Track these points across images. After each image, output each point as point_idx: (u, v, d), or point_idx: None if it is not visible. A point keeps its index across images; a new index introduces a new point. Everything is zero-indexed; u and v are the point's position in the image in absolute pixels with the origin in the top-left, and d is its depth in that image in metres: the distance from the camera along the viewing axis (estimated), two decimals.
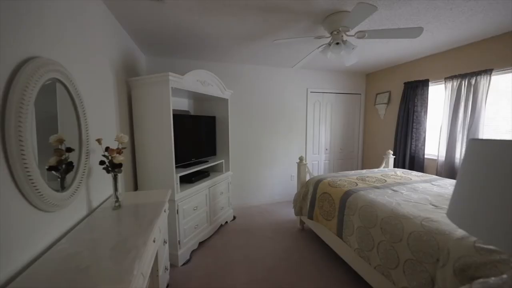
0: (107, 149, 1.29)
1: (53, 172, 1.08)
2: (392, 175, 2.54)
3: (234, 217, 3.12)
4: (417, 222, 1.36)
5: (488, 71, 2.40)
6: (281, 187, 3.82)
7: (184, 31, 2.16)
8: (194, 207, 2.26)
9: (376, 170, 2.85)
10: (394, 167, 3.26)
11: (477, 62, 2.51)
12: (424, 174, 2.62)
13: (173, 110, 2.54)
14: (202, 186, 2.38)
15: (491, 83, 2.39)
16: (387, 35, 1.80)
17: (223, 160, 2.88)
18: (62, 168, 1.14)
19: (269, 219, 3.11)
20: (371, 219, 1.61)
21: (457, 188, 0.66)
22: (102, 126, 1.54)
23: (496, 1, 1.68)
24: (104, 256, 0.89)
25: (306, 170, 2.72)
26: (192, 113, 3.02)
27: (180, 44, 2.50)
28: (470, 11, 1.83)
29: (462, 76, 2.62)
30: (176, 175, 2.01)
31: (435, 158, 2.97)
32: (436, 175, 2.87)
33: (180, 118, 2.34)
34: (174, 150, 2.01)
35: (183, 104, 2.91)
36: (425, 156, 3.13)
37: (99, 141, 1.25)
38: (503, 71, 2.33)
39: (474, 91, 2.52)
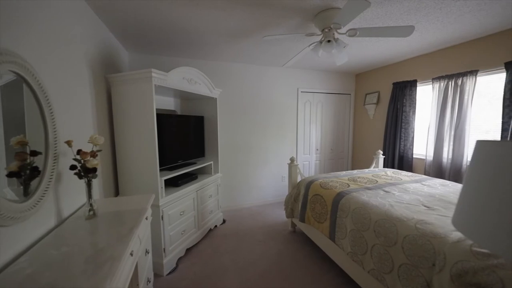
0: (79, 152, 1.15)
1: (15, 178, 0.96)
2: (382, 175, 2.53)
3: (224, 221, 3.01)
4: (411, 224, 1.33)
5: (473, 72, 2.44)
6: (272, 188, 3.75)
7: (168, 26, 2.03)
8: (181, 212, 2.14)
9: (366, 170, 2.84)
10: (384, 167, 3.28)
11: (463, 63, 2.55)
12: (414, 174, 2.63)
13: (158, 110, 2.42)
14: (189, 190, 2.27)
15: (476, 83, 2.44)
16: (378, 33, 1.77)
17: (212, 162, 2.77)
18: (25, 174, 1.01)
19: (260, 222, 3.03)
20: (364, 221, 1.56)
21: (464, 193, 0.60)
22: (76, 126, 1.41)
23: (483, 1, 1.69)
24: (70, 275, 0.77)
25: (298, 171, 2.66)
26: (179, 112, 2.88)
27: (164, 40, 2.37)
28: (458, 11, 1.84)
29: (449, 77, 2.66)
30: (160, 179, 1.89)
31: (423, 157, 3.00)
32: (424, 174, 2.91)
33: (165, 118, 2.22)
34: (159, 152, 1.88)
35: (169, 103, 2.77)
36: (414, 156, 3.17)
37: (69, 143, 1.12)
38: (488, 72, 2.38)
39: (461, 92, 2.56)
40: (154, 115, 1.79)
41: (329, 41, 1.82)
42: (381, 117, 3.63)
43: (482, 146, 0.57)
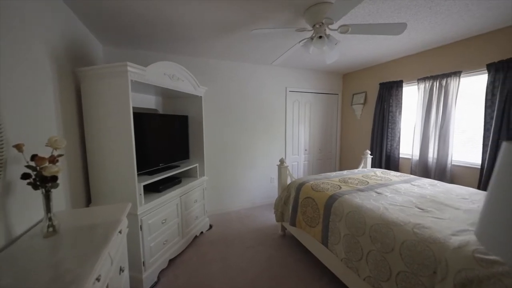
0: (33, 157, 0.96)
1: None
2: (372, 175, 2.51)
3: (211, 226, 2.85)
4: (408, 229, 1.27)
5: (457, 73, 2.49)
6: (261, 190, 3.64)
7: (149, 17, 1.85)
8: (163, 220, 1.96)
9: (356, 170, 2.82)
10: (372, 167, 3.29)
11: (447, 64, 2.60)
12: (402, 174, 2.64)
13: (137, 108, 2.23)
14: (172, 195, 2.09)
15: (460, 84, 2.49)
16: (370, 30, 1.71)
17: (197, 164, 2.60)
18: None
19: (249, 226, 2.91)
20: (359, 226, 1.49)
21: (490, 202, 0.52)
22: (34, 127, 1.20)
23: (471, 1, 1.69)
24: None
25: (287, 173, 2.57)
26: (161, 112, 2.68)
27: (145, 33, 2.17)
28: (447, 11, 1.83)
29: (434, 78, 2.70)
30: (139, 185, 1.70)
31: (410, 157, 3.04)
32: (411, 174, 2.94)
33: (145, 118, 2.03)
34: (137, 154, 1.70)
35: (150, 102, 2.57)
36: (400, 156, 3.20)
37: (18, 147, 0.92)
38: (471, 74, 2.43)
39: (445, 92, 2.60)
40: (131, 114, 1.61)
41: (320, 37, 1.74)
42: (368, 117, 3.65)
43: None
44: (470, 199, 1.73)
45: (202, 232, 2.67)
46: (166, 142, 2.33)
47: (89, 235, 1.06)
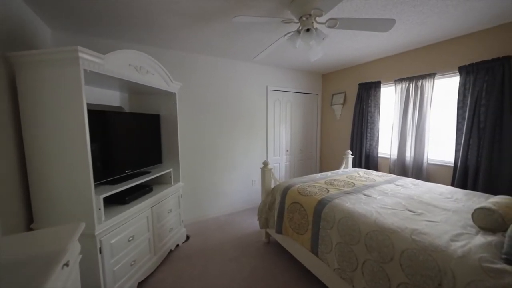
0: None
1: None
2: (356, 176, 2.48)
3: (188, 237, 2.58)
4: (406, 236, 1.19)
5: (432, 75, 2.58)
6: (242, 193, 3.45)
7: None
8: (130, 237, 1.67)
9: (339, 171, 2.78)
10: (352, 167, 3.30)
11: (423, 66, 2.68)
12: (384, 173, 2.67)
13: (96, 105, 1.89)
14: (141, 207, 1.80)
15: (434, 86, 2.58)
16: (359, 25, 1.63)
17: (171, 169, 2.32)
18: None
19: (230, 233, 2.69)
20: (353, 234, 1.39)
21: None
22: None
23: (452, 2, 1.71)
24: None
25: (271, 176, 2.42)
26: (127, 110, 2.34)
27: (104, 18, 1.84)
28: (429, 11, 1.84)
29: (410, 79, 2.77)
30: (97, 197, 1.40)
31: (388, 156, 3.10)
32: (389, 172, 3.00)
33: (107, 116, 1.71)
34: (97, 160, 1.41)
35: (113, 98, 2.21)
36: (379, 155, 3.26)
37: None
38: (444, 76, 2.53)
39: (421, 93, 2.68)
40: (84, 112, 1.30)
41: (308, 30, 1.61)
42: (347, 118, 3.68)
43: None
44: (453, 198, 1.75)
45: (178, 245, 2.39)
46: (133, 145, 2.02)
47: (17, 276, 0.77)
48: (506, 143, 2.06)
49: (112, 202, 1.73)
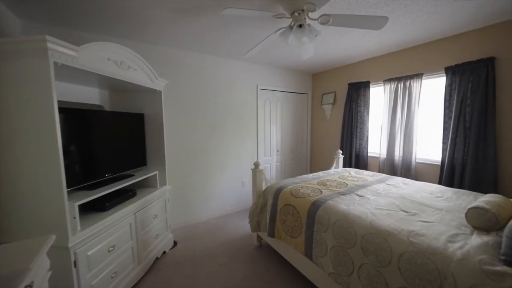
0: None
1: None
2: (348, 176, 2.46)
3: (175, 243, 2.45)
4: (403, 238, 1.15)
5: (419, 75, 2.62)
6: (232, 195, 3.35)
7: None
8: (110, 247, 1.53)
9: (331, 171, 2.76)
10: (343, 166, 3.30)
11: (410, 67, 2.71)
12: (375, 173, 2.67)
13: (73, 103, 1.74)
14: (123, 213, 1.66)
15: (422, 86, 2.62)
16: (352, 22, 1.60)
17: (156, 172, 2.18)
18: None
19: (220, 238, 2.59)
20: (348, 237, 1.34)
21: None
22: None
23: (440, 2, 1.72)
24: None
25: (262, 177, 2.35)
26: (108, 108, 2.17)
27: (81, 8, 1.69)
28: (418, 11, 1.84)
29: (398, 79, 2.81)
30: (71, 205, 1.26)
31: (377, 156, 3.13)
32: (379, 172, 3.02)
33: (85, 115, 1.57)
34: (73, 164, 1.28)
35: (93, 96, 2.04)
36: (369, 154, 3.29)
37: None
38: (431, 76, 2.57)
39: (409, 93, 2.72)
40: (55, 109, 1.16)
41: (300, 26, 1.56)
42: (337, 117, 3.68)
43: None
44: (443, 197, 1.76)
45: (164, 252, 2.26)
46: (115, 146, 1.87)
47: None
48: (490, 142, 2.11)
49: (91, 209, 1.58)
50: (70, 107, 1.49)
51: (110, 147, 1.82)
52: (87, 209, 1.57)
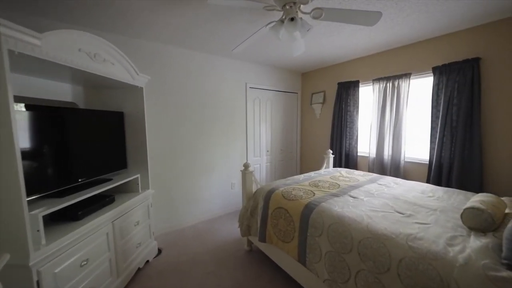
0: None
1: None
2: (339, 176, 2.42)
3: (160, 251, 2.29)
4: (402, 242, 1.10)
5: (407, 75, 2.63)
6: (221, 198, 3.22)
7: None
8: (83, 261, 1.36)
9: (322, 171, 2.71)
10: (333, 166, 3.28)
11: (399, 66, 2.73)
12: (365, 173, 2.66)
13: (39, 100, 1.55)
14: (99, 222, 1.49)
15: (410, 85, 2.64)
16: (345, 17, 1.54)
17: (138, 175, 2.02)
18: None
19: (208, 243, 2.46)
20: (344, 242, 1.28)
21: None
22: None
23: (431, 1, 1.70)
24: None
25: (252, 179, 2.25)
26: (82, 106, 1.98)
27: None
28: (409, 9, 1.83)
29: (387, 79, 2.81)
30: (32, 216, 1.09)
31: (367, 155, 3.13)
32: (368, 171, 3.02)
33: (53, 113, 1.39)
34: (38, 167, 1.10)
35: (65, 92, 1.85)
36: (358, 154, 3.28)
37: None
38: (419, 76, 2.59)
39: (397, 93, 2.73)
40: (10, 105, 0.99)
41: (292, 19, 1.47)
42: (327, 117, 3.66)
43: None
44: (435, 196, 1.75)
45: (148, 261, 2.10)
46: (90, 147, 1.70)
47: None
48: (476, 141, 2.15)
49: (61, 219, 1.41)
50: (35, 104, 1.31)
51: (84, 149, 1.65)
52: (56, 219, 1.40)
